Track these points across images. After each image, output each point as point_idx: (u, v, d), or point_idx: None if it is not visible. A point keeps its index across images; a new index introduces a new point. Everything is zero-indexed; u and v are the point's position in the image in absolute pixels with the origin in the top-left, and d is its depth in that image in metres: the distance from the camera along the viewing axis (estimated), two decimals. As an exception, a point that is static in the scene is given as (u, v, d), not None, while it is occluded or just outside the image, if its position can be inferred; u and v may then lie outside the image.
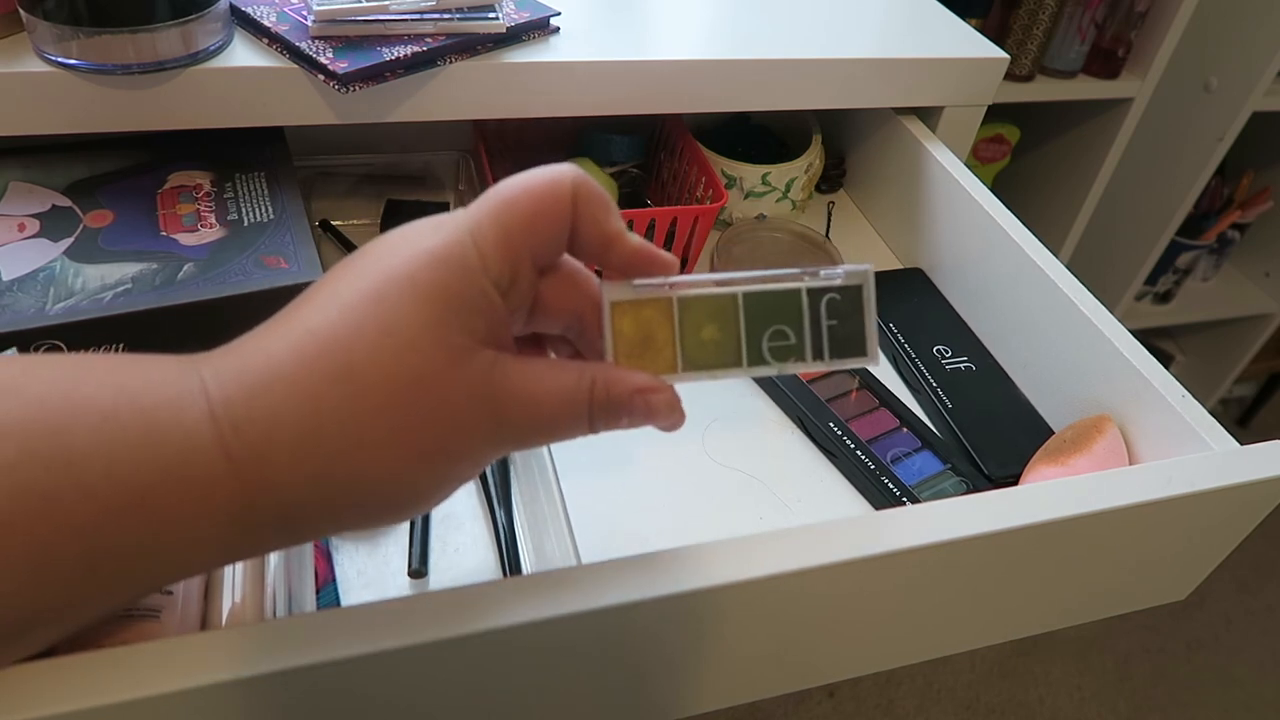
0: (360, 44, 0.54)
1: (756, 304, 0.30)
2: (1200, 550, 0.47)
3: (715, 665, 0.38)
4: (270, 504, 0.24)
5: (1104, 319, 0.53)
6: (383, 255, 0.26)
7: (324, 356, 0.24)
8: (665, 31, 0.65)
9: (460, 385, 0.25)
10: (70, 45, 0.48)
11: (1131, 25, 1.18)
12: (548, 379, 0.27)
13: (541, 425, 0.27)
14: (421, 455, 0.25)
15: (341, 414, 0.24)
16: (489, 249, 0.26)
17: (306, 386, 0.24)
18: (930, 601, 0.40)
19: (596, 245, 0.28)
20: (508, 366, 0.26)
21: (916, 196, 0.70)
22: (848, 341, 0.30)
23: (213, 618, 0.38)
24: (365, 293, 0.25)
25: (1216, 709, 1.43)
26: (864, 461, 0.53)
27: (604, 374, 0.28)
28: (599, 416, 0.27)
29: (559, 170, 0.27)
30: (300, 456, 0.24)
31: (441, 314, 0.25)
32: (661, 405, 0.28)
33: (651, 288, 0.29)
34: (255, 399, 0.24)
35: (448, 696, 0.32)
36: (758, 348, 0.30)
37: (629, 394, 0.28)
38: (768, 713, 1.32)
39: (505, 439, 0.27)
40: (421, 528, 0.47)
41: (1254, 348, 1.72)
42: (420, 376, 0.24)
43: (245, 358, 0.25)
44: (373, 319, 0.24)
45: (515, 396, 0.26)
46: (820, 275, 0.30)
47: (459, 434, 0.25)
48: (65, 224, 0.48)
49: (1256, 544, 1.57)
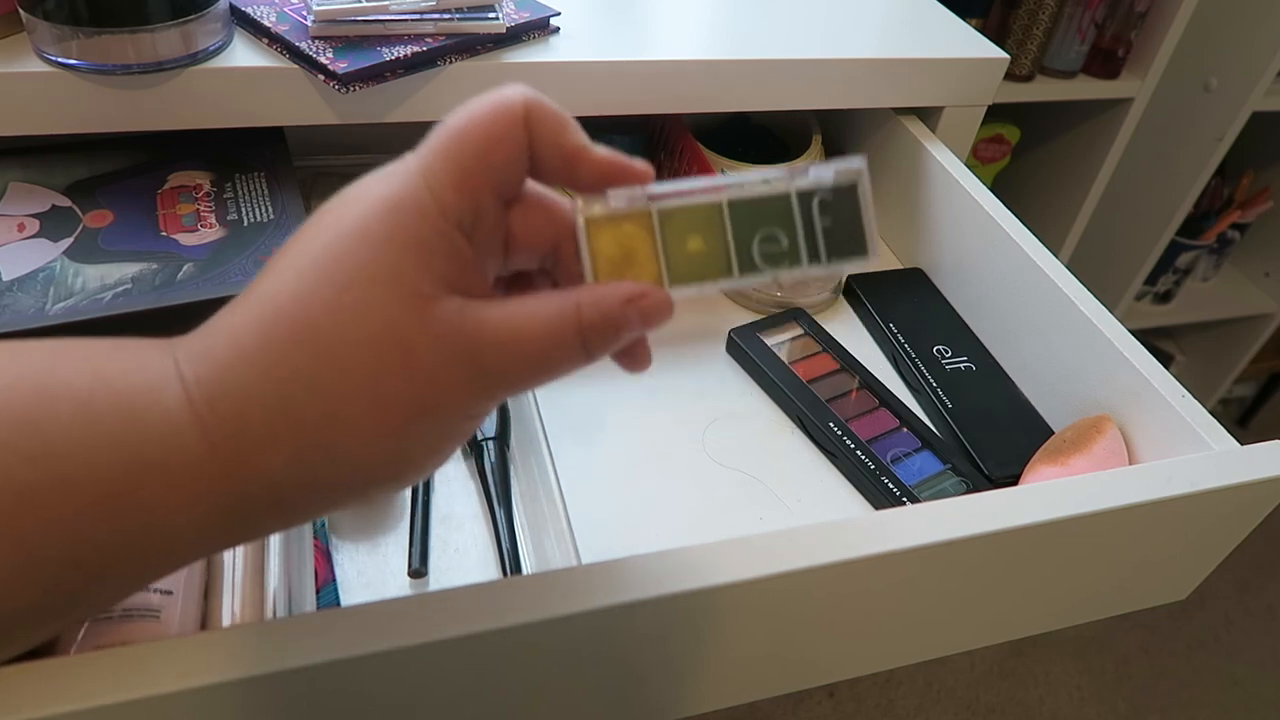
0: (360, 44, 0.54)
1: (743, 210, 0.28)
2: (1200, 550, 0.47)
3: (715, 665, 0.38)
4: (257, 483, 0.24)
5: (1104, 319, 0.53)
6: (335, 211, 0.25)
7: (283, 321, 0.23)
8: (665, 31, 0.65)
9: (429, 335, 0.23)
10: (70, 45, 0.48)
11: (1131, 25, 1.18)
12: (528, 313, 0.25)
13: (530, 362, 0.25)
14: (401, 415, 0.24)
15: (309, 379, 0.23)
16: (443, 188, 0.24)
17: (270, 355, 0.23)
18: (930, 601, 0.40)
19: (560, 164, 0.26)
20: (479, 309, 0.24)
21: (916, 196, 0.70)
22: (845, 241, 0.28)
23: (213, 618, 0.38)
24: (319, 252, 0.24)
25: (1216, 709, 1.43)
26: (864, 461, 0.53)
27: (588, 293, 0.25)
28: (592, 338, 0.25)
29: (506, 91, 0.25)
30: (277, 429, 0.23)
31: (398, 261, 0.23)
32: (656, 307, 0.26)
33: (628, 200, 0.27)
34: (225, 374, 0.23)
35: (448, 696, 0.32)
36: (748, 254, 0.28)
37: (620, 305, 0.25)
38: (768, 713, 1.32)
39: (493, 386, 0.25)
40: (421, 528, 0.47)
41: (1254, 348, 1.72)
42: (383, 331, 0.23)
43: (213, 335, 0.24)
44: (327, 276, 0.23)
45: (493, 338, 0.24)
46: (809, 174, 0.28)
47: (437, 388, 0.24)
48: (65, 224, 0.48)
49: (1256, 544, 1.57)
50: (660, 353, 0.62)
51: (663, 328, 0.26)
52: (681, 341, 0.62)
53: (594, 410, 0.56)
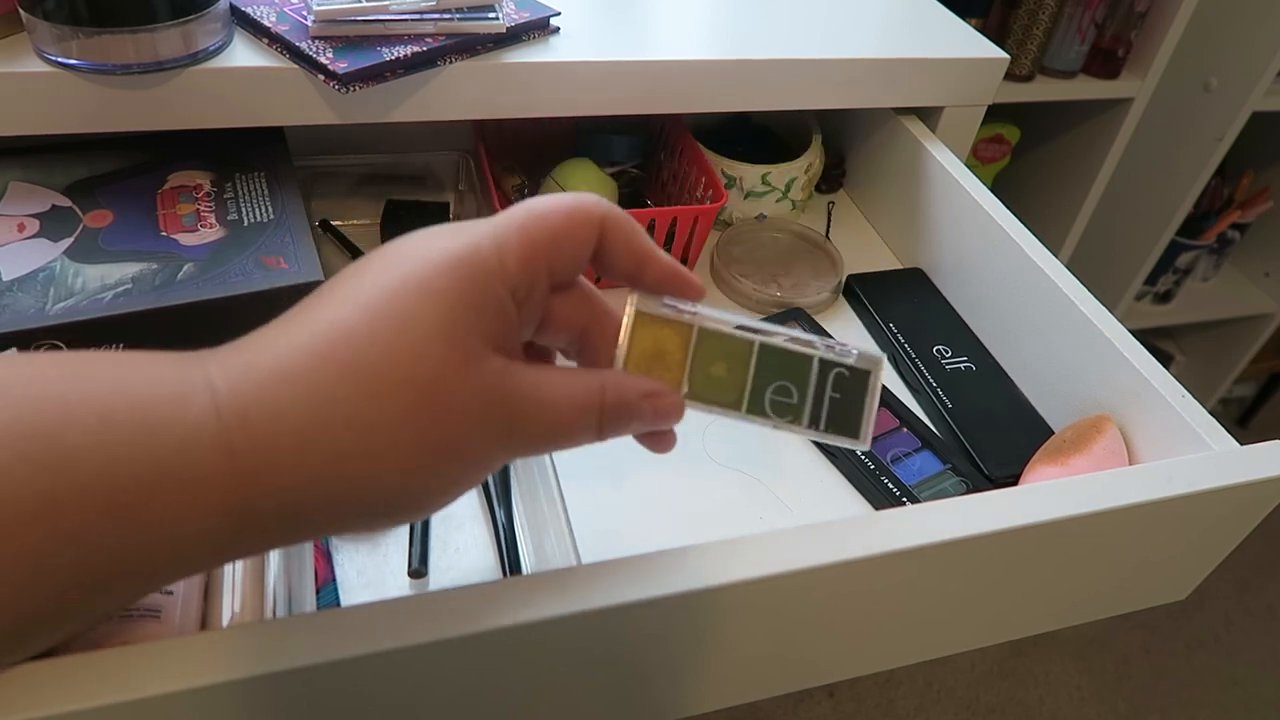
0: (360, 44, 0.54)
1: (770, 356, 0.31)
2: (1200, 550, 0.47)
3: (715, 665, 0.38)
4: (272, 501, 0.24)
5: (1104, 319, 0.53)
6: (403, 255, 0.26)
7: (336, 352, 0.24)
8: (665, 31, 0.65)
9: (473, 388, 0.25)
10: (70, 45, 0.48)
11: (1131, 25, 1.18)
12: (560, 384, 0.27)
13: (553, 430, 0.27)
14: (432, 457, 0.25)
15: (351, 410, 0.24)
16: (511, 258, 0.26)
17: (316, 381, 0.24)
18: (930, 601, 0.40)
19: (630, 262, 0.29)
20: (520, 372, 0.26)
21: (916, 196, 0.70)
22: (844, 420, 0.31)
23: (213, 618, 0.38)
24: (382, 291, 0.25)
25: (1216, 709, 1.43)
26: (864, 461, 0.53)
27: (614, 379, 0.28)
28: (608, 421, 0.28)
29: (589, 197, 0.28)
30: (307, 452, 0.24)
31: (459, 317, 0.25)
32: (669, 409, 0.29)
33: (676, 310, 0.30)
34: (264, 391, 0.24)
35: (448, 696, 0.32)
36: (760, 398, 0.31)
37: (638, 397, 0.28)
38: (768, 713, 1.32)
39: (515, 444, 0.27)
40: (421, 528, 0.47)
41: (1254, 348, 1.72)
42: (434, 377, 0.24)
43: (254, 353, 0.25)
44: (389, 318, 0.24)
45: (528, 401, 0.26)
46: (836, 349, 0.31)
47: (470, 437, 0.25)
48: (65, 224, 0.49)
49: (1256, 544, 1.57)
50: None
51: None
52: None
53: (594, 410, 0.56)
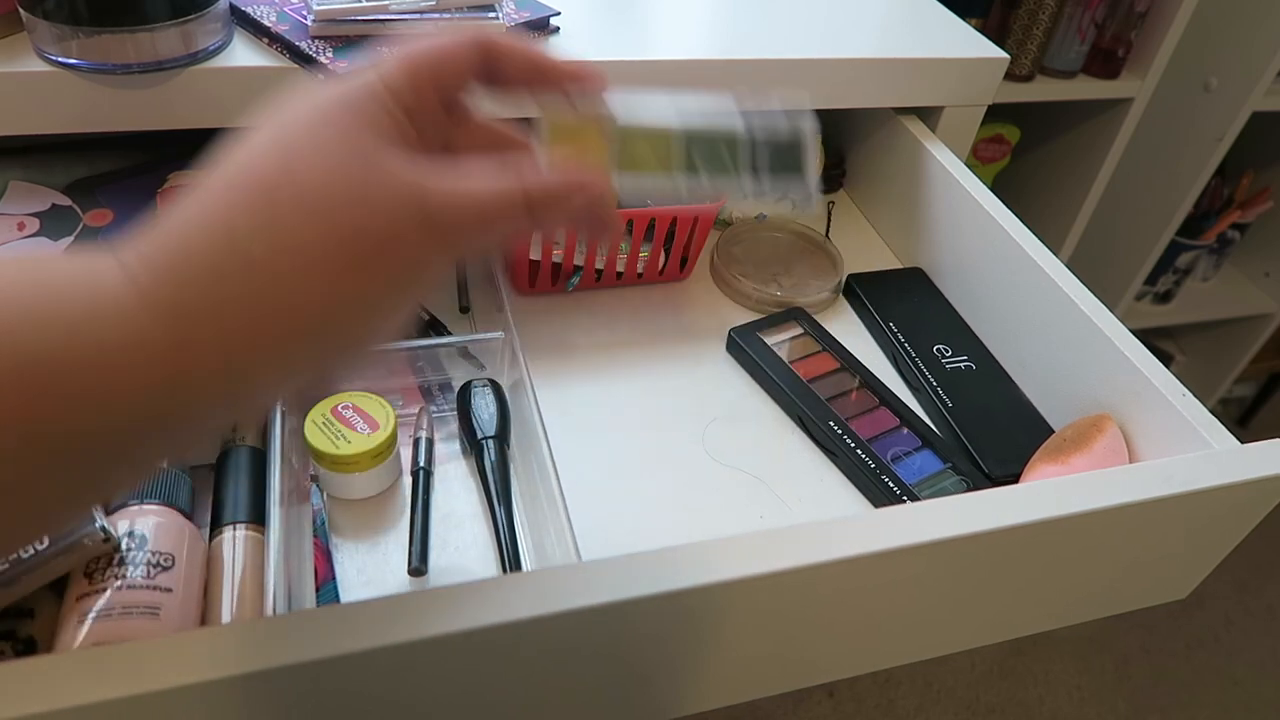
0: (360, 44, 0.54)
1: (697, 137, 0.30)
2: (1200, 549, 0.47)
3: (715, 663, 0.38)
4: (200, 336, 0.23)
5: (1104, 318, 0.53)
6: (294, 106, 0.26)
7: (230, 182, 0.24)
8: (665, 31, 0.65)
9: (379, 181, 0.25)
10: (70, 45, 0.48)
11: (1131, 25, 1.18)
12: (475, 170, 0.26)
13: (478, 216, 0.26)
14: (353, 262, 0.24)
15: (256, 222, 0.23)
16: (393, 79, 0.26)
17: (214, 207, 0.24)
18: (930, 600, 0.40)
19: (526, 71, 0.29)
20: (425, 164, 0.26)
21: (916, 196, 0.70)
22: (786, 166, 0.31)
23: (212, 616, 0.38)
24: (279, 130, 0.25)
25: (1216, 709, 1.43)
26: (864, 460, 0.53)
27: (531, 161, 0.28)
28: (536, 203, 0.27)
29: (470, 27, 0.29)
30: (219, 271, 0.23)
31: (351, 123, 0.25)
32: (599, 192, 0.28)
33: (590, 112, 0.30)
34: (162, 235, 0.24)
35: (448, 693, 0.32)
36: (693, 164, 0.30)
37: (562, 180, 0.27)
38: (767, 712, 1.32)
39: (441, 239, 0.25)
40: (421, 526, 0.47)
41: (1254, 348, 1.72)
42: (335, 176, 0.24)
43: (156, 222, 0.24)
44: (278, 142, 0.25)
45: (439, 189, 0.25)
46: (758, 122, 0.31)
47: (387, 237, 0.24)
48: (65, 223, 0.49)
49: (1256, 544, 1.57)
50: (660, 352, 0.62)
51: (661, 317, 0.27)
52: (681, 341, 0.62)
53: (594, 410, 0.56)
